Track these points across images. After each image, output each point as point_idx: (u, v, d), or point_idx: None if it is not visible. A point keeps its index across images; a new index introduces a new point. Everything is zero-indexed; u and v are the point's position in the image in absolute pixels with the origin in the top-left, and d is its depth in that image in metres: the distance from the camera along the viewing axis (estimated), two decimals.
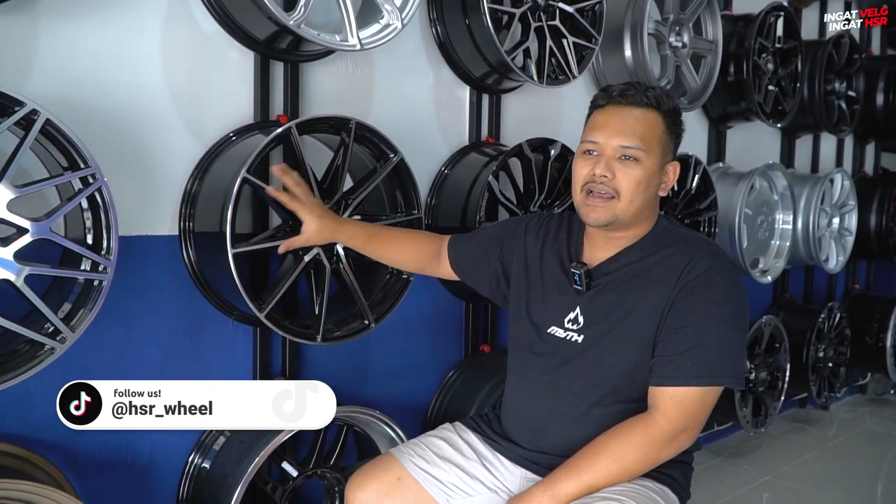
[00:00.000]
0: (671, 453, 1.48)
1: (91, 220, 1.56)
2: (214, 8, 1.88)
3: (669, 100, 1.56)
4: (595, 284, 1.58)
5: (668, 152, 1.56)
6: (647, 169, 1.52)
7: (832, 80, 3.70)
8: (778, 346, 3.51)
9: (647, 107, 1.53)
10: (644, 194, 1.53)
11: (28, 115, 1.41)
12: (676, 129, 1.58)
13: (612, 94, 1.55)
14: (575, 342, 1.57)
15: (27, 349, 1.53)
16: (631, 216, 1.54)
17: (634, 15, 2.65)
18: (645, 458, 1.46)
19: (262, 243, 1.80)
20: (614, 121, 1.53)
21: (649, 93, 1.53)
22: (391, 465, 1.65)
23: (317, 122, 1.84)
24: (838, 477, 3.37)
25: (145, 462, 1.88)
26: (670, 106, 1.55)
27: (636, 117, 1.52)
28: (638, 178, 1.51)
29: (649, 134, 1.52)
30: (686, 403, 1.45)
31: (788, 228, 3.42)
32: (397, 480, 1.62)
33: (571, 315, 1.59)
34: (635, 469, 1.47)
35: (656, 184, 1.55)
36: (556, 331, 1.61)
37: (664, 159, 1.55)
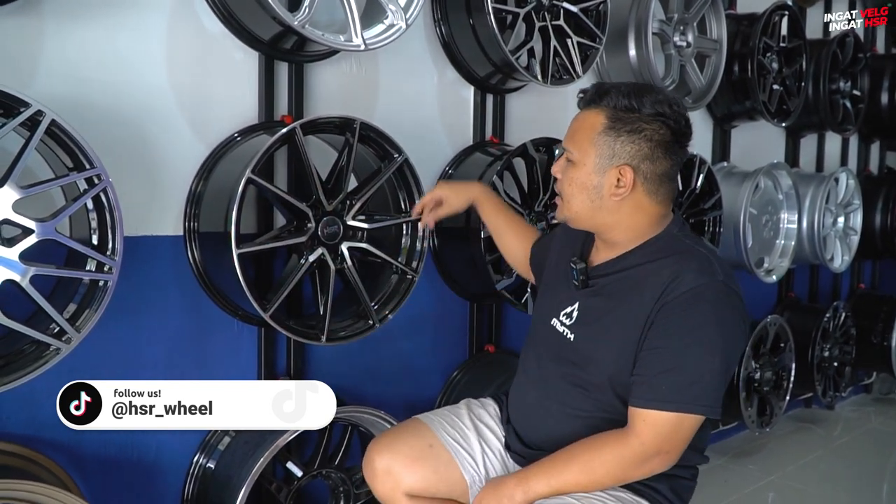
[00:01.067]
0: (643, 474, 1.45)
1: (96, 220, 1.56)
2: (219, 8, 1.88)
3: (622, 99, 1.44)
4: (591, 284, 1.56)
5: (612, 155, 1.44)
6: (581, 171, 1.47)
7: (837, 79, 3.69)
8: (783, 345, 3.51)
9: (593, 107, 1.48)
10: (580, 196, 1.48)
11: (33, 116, 1.42)
12: (625, 129, 1.44)
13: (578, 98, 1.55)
14: (567, 338, 1.56)
15: (33, 349, 1.53)
16: (579, 217, 1.51)
17: (639, 14, 2.65)
18: (613, 475, 1.43)
19: (267, 243, 1.81)
20: (571, 124, 1.54)
21: (604, 92, 1.47)
22: (421, 431, 1.63)
23: (321, 122, 1.84)
24: (843, 477, 3.36)
25: (150, 462, 1.89)
26: (619, 105, 1.44)
27: (581, 119, 1.51)
28: (572, 179, 1.49)
29: (583, 135, 1.47)
30: (659, 427, 1.39)
31: (793, 228, 3.41)
32: (429, 447, 1.60)
33: (568, 309, 1.58)
34: (603, 482, 1.44)
35: (597, 187, 1.46)
36: (556, 323, 1.60)
37: (605, 162, 1.45)
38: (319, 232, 1.85)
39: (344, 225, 1.89)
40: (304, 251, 1.86)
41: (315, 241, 1.86)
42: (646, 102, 1.43)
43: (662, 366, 1.40)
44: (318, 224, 1.85)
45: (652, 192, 1.48)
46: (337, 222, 1.88)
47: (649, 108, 1.43)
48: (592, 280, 1.56)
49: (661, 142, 1.44)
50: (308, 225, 1.84)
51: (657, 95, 1.45)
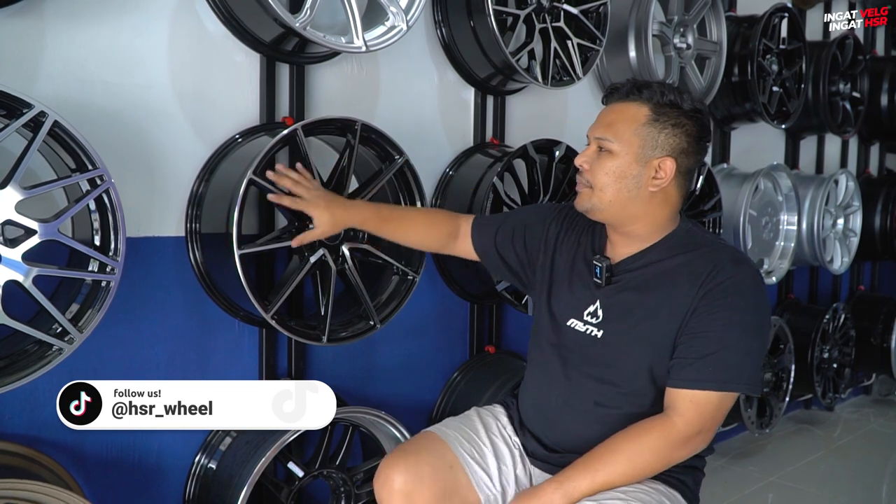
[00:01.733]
0: (685, 455, 1.49)
1: (99, 221, 1.57)
2: (220, 10, 1.89)
3: (665, 94, 1.51)
4: (616, 280, 1.57)
5: (656, 146, 1.50)
6: (620, 160, 1.51)
7: (836, 81, 3.70)
8: (783, 347, 3.51)
9: (633, 100, 1.52)
10: (616, 185, 1.51)
11: (36, 117, 1.42)
12: (669, 122, 1.50)
13: (606, 93, 1.60)
14: (594, 336, 1.57)
15: (35, 350, 1.54)
16: (608, 206, 1.53)
17: (639, 16, 2.66)
18: (660, 459, 1.46)
19: (268, 244, 1.81)
20: (602, 116, 1.57)
21: (644, 87, 1.52)
22: (441, 451, 1.57)
23: (323, 123, 1.85)
24: (843, 478, 3.36)
25: (152, 462, 1.89)
26: (662, 100, 1.50)
27: (618, 110, 1.54)
28: (608, 168, 1.51)
29: (625, 126, 1.51)
30: (703, 406, 1.45)
31: (793, 229, 3.42)
32: (449, 469, 1.55)
33: (591, 308, 1.59)
34: (649, 470, 1.47)
35: (634, 177, 1.51)
36: (576, 324, 1.60)
37: (647, 153, 1.50)
38: None
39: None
40: (305, 252, 1.86)
41: (316, 242, 1.86)
42: (685, 99, 1.51)
43: (707, 349, 1.45)
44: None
45: (680, 186, 1.56)
46: None
47: (689, 104, 1.51)
48: (617, 276, 1.58)
49: (696, 137, 1.53)
50: (309, 226, 1.84)
51: (693, 94, 1.55)
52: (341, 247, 1.91)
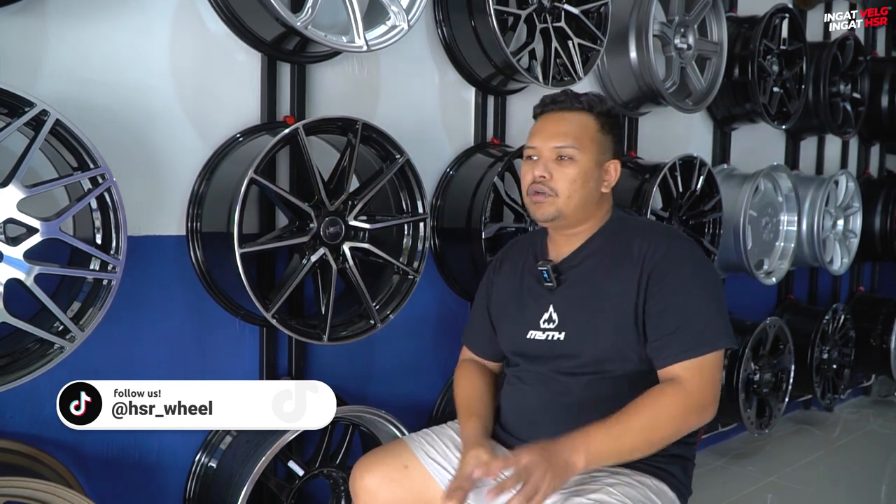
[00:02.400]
0: (698, 422, 1.50)
1: (100, 219, 1.57)
2: (222, 9, 1.89)
3: (602, 103, 1.64)
4: (564, 279, 1.64)
5: (606, 151, 1.63)
6: (581, 166, 1.60)
7: (837, 82, 3.70)
8: (782, 347, 3.51)
9: (579, 110, 1.63)
10: (581, 190, 1.60)
11: (38, 116, 1.43)
12: (612, 129, 1.65)
13: (546, 103, 1.68)
14: (557, 340, 1.62)
15: (37, 348, 1.54)
16: (574, 211, 1.62)
17: (640, 16, 2.66)
18: (677, 425, 1.48)
19: (269, 243, 1.81)
20: (550, 125, 1.64)
21: (581, 98, 1.64)
22: (400, 452, 1.68)
23: (324, 123, 1.85)
24: (842, 478, 3.36)
25: (153, 461, 1.89)
26: (603, 109, 1.64)
27: (569, 120, 1.63)
28: (573, 175, 1.60)
29: (582, 133, 1.61)
30: (703, 369, 1.50)
31: (793, 230, 3.42)
32: (404, 468, 1.64)
33: (545, 315, 1.65)
34: (666, 437, 1.47)
35: (595, 180, 1.62)
36: (536, 334, 1.65)
37: (601, 157, 1.62)
38: (321, 232, 1.86)
39: (346, 225, 1.90)
40: (306, 251, 1.87)
41: (317, 241, 1.87)
42: (612, 107, 1.67)
43: (676, 322, 1.51)
44: (320, 224, 1.85)
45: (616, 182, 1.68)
46: (339, 222, 1.89)
47: (614, 112, 1.68)
48: (564, 275, 1.65)
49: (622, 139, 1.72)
50: (310, 225, 1.85)
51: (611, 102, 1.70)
52: (342, 246, 1.91)
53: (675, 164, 2.67)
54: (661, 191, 2.68)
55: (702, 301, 1.53)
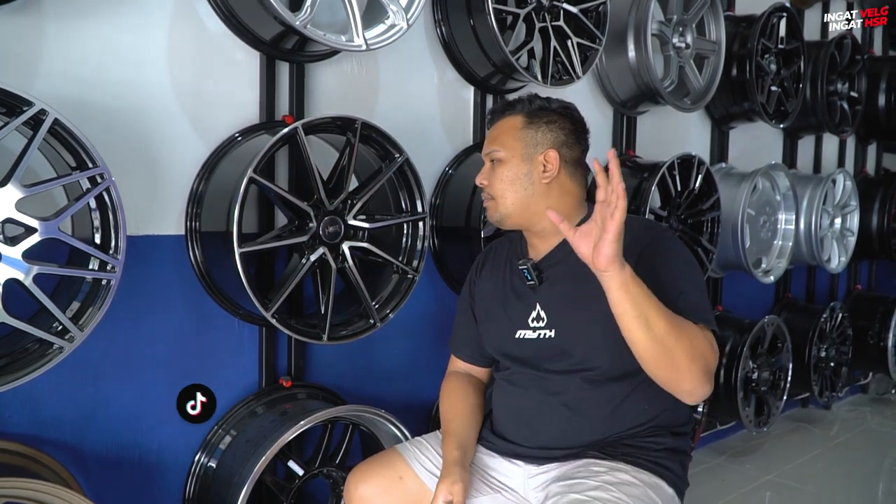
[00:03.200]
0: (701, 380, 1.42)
1: (99, 219, 1.57)
2: (220, 8, 1.89)
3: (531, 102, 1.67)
4: (546, 276, 1.65)
5: (537, 144, 1.63)
6: (509, 164, 1.63)
7: (834, 80, 3.70)
8: (780, 345, 3.52)
9: (508, 114, 1.68)
10: (513, 187, 1.62)
11: (36, 115, 1.42)
12: (542, 121, 1.64)
13: (488, 117, 1.75)
14: (549, 338, 1.61)
15: (36, 348, 1.54)
16: (515, 209, 1.63)
17: (638, 16, 2.66)
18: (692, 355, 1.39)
19: (268, 243, 1.81)
20: (487, 135, 1.71)
21: (514, 102, 1.68)
22: (394, 462, 1.68)
23: (323, 122, 1.85)
24: (840, 476, 3.37)
25: (152, 461, 1.89)
26: (532, 107, 1.66)
27: (498, 125, 1.69)
28: (502, 175, 1.63)
29: (506, 134, 1.65)
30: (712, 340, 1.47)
31: (791, 228, 3.42)
32: (399, 479, 1.65)
33: (533, 314, 1.65)
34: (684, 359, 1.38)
35: (527, 174, 1.62)
36: (526, 333, 1.65)
37: (529, 151, 1.63)
38: (321, 231, 1.86)
39: (345, 224, 1.90)
40: (305, 250, 1.87)
41: (316, 241, 1.86)
42: (553, 102, 1.68)
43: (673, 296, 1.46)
44: (319, 223, 1.85)
45: (572, 175, 1.66)
46: (338, 222, 1.89)
47: (556, 104, 1.68)
48: (545, 273, 1.65)
49: (572, 130, 1.67)
50: (309, 224, 1.85)
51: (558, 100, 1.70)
52: (341, 245, 1.91)
53: (674, 163, 2.68)
54: (660, 190, 2.68)
55: (691, 283, 1.53)
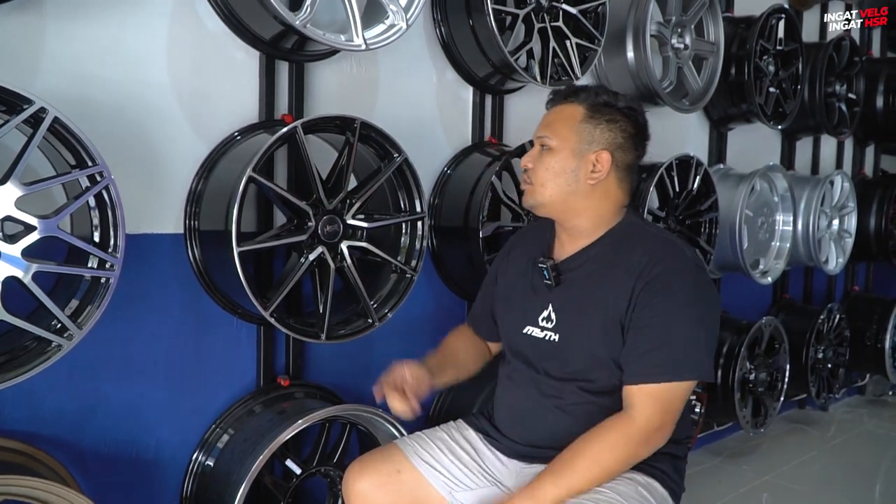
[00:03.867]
0: (649, 451, 1.50)
1: (98, 217, 1.57)
2: (220, 7, 1.89)
3: (597, 95, 1.59)
4: (563, 279, 1.62)
5: (592, 141, 1.57)
6: (559, 156, 1.58)
7: (832, 82, 3.71)
8: (777, 346, 3.52)
9: (570, 101, 1.61)
10: (556, 179, 1.58)
11: (36, 114, 1.42)
12: (604, 118, 1.58)
13: (549, 98, 1.68)
14: (552, 341, 1.61)
15: (34, 346, 1.54)
16: (551, 201, 1.59)
17: (637, 16, 2.66)
18: (623, 457, 1.47)
19: (267, 242, 1.82)
20: (543, 118, 1.65)
21: (579, 90, 1.61)
22: (392, 456, 1.68)
23: (322, 121, 1.85)
24: (837, 477, 3.38)
25: (150, 459, 1.89)
26: (597, 100, 1.59)
27: (557, 111, 1.63)
28: (548, 164, 1.58)
29: (562, 124, 1.59)
30: (660, 399, 1.47)
31: (788, 230, 3.43)
32: (397, 473, 1.64)
33: (545, 313, 1.64)
34: (615, 469, 1.47)
35: (573, 170, 1.57)
36: (533, 330, 1.65)
37: (583, 147, 1.57)
38: (319, 230, 1.86)
39: (344, 224, 1.90)
40: (304, 250, 1.87)
41: (315, 240, 1.87)
42: (620, 99, 1.60)
43: (651, 343, 1.48)
44: (318, 223, 1.85)
45: (620, 181, 1.61)
46: (337, 221, 1.89)
47: (623, 103, 1.60)
48: (564, 275, 1.63)
49: (631, 134, 1.60)
50: (308, 223, 1.85)
51: (626, 96, 1.62)
52: (340, 244, 1.91)
53: (672, 164, 2.68)
54: (658, 190, 2.69)
55: (686, 329, 1.49)
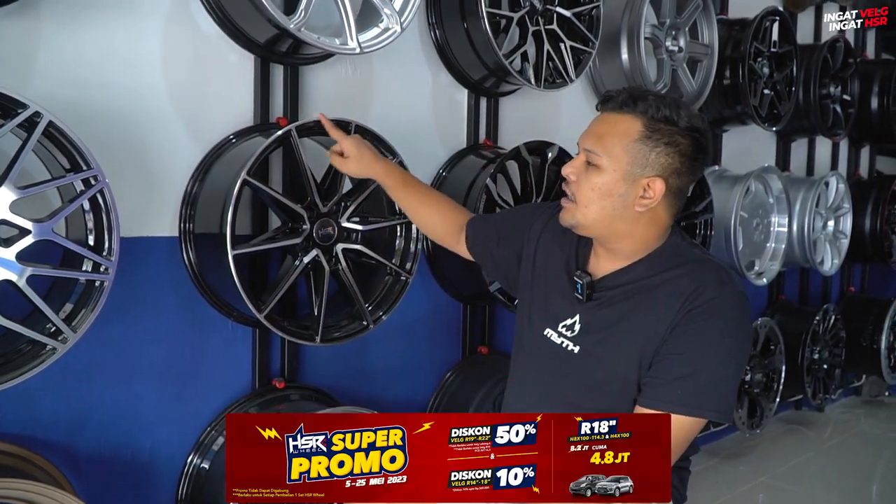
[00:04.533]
0: None
1: (93, 221, 1.57)
2: (215, 11, 1.90)
3: (659, 109, 1.40)
4: (597, 297, 1.51)
5: (646, 165, 1.40)
6: (607, 177, 1.41)
7: (827, 84, 3.72)
8: (773, 347, 3.53)
9: (627, 112, 1.42)
10: (601, 202, 1.43)
11: (31, 118, 1.43)
12: (662, 140, 1.40)
13: (600, 101, 1.50)
14: (570, 351, 1.53)
15: (29, 349, 1.54)
16: (592, 223, 1.46)
17: (631, 19, 2.67)
18: None
19: (262, 245, 1.82)
20: (593, 126, 1.47)
21: (638, 98, 1.41)
22: None
23: (317, 124, 1.85)
24: (833, 478, 3.39)
25: (145, 462, 1.89)
26: (657, 115, 1.39)
27: (611, 122, 1.43)
28: (594, 184, 1.43)
29: (615, 140, 1.41)
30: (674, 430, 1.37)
31: (784, 231, 3.44)
32: None
33: (569, 322, 1.55)
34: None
35: (622, 196, 1.42)
36: (552, 334, 1.57)
37: (637, 171, 1.41)
38: (314, 233, 1.86)
39: (339, 226, 1.91)
40: (298, 252, 1.87)
41: (310, 243, 1.87)
42: (682, 115, 1.41)
43: (681, 371, 1.40)
44: (312, 226, 1.86)
45: (670, 206, 1.47)
46: (332, 224, 1.89)
47: (686, 121, 1.41)
48: (598, 294, 1.52)
49: (691, 157, 1.42)
50: (303, 226, 1.86)
51: (690, 110, 1.43)
52: (335, 247, 1.92)
53: None
54: None
55: (717, 362, 1.40)
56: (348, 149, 1.78)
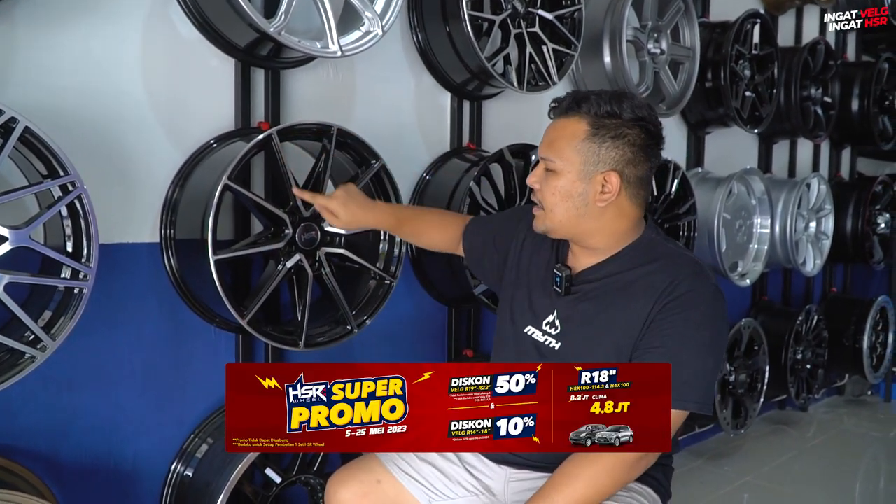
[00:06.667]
0: (639, 472, 1.46)
1: (71, 227, 1.55)
2: (194, 15, 1.88)
3: (603, 105, 1.45)
4: (575, 291, 1.55)
5: (598, 161, 1.45)
6: (564, 179, 1.47)
7: (808, 86, 3.75)
8: (757, 348, 3.55)
9: (572, 115, 1.48)
10: (564, 204, 1.48)
11: (6, 123, 1.41)
12: (608, 135, 1.45)
13: (550, 108, 1.55)
14: (552, 348, 1.56)
15: (7, 358, 1.52)
16: (561, 226, 1.51)
17: (613, 22, 2.68)
18: (617, 480, 1.43)
19: (243, 250, 1.81)
20: (547, 134, 1.53)
21: (582, 99, 1.47)
22: (373, 467, 1.66)
23: (298, 128, 1.85)
24: (817, 477, 3.41)
25: (128, 470, 1.87)
26: (600, 111, 1.45)
27: (559, 127, 1.50)
28: (554, 188, 1.49)
29: (565, 143, 1.47)
30: None
31: (766, 232, 3.46)
32: (377, 483, 1.63)
33: (549, 318, 1.57)
34: (608, 492, 1.44)
35: (581, 194, 1.47)
36: (534, 332, 1.59)
37: (590, 168, 1.46)
38: (297, 238, 1.85)
39: (321, 230, 1.90)
40: (281, 257, 1.86)
41: (292, 247, 1.86)
42: (625, 107, 1.46)
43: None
44: (295, 230, 1.85)
45: (633, 196, 1.51)
46: (314, 228, 1.88)
47: (629, 112, 1.46)
48: (576, 287, 1.56)
49: (641, 145, 1.47)
50: (285, 231, 1.85)
51: (634, 100, 1.48)
52: (318, 251, 1.91)
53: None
54: None
55: (694, 355, 1.43)
56: (335, 208, 1.76)
